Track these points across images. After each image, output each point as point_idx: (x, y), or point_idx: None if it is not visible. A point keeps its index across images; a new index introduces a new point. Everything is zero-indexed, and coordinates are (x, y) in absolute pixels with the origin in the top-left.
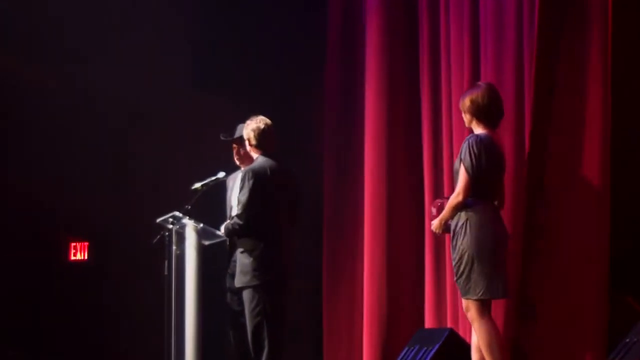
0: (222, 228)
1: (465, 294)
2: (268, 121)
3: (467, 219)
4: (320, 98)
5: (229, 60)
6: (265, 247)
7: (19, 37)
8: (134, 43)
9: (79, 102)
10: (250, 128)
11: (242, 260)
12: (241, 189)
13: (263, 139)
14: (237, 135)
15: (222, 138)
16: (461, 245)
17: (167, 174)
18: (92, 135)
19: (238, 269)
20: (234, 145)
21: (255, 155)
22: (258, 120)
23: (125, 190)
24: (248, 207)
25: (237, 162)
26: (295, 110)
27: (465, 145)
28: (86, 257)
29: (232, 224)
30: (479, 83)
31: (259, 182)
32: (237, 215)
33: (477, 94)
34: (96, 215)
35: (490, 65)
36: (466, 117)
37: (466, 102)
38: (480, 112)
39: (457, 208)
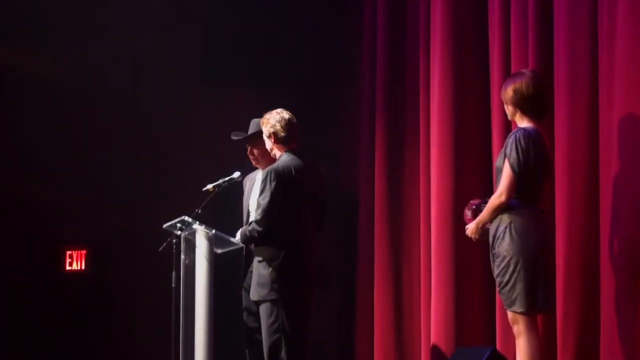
0: (238, 234)
1: (511, 305)
2: (289, 112)
3: (510, 222)
4: (344, 95)
5: (243, 54)
6: (286, 256)
7: (19, 28)
8: (139, 36)
9: (75, 97)
10: (275, 120)
11: (259, 270)
12: (262, 191)
13: (290, 132)
14: (254, 131)
15: (233, 138)
16: (504, 251)
17: (175, 173)
18: (89, 130)
19: (255, 280)
20: (248, 146)
21: (278, 152)
22: (280, 112)
23: (127, 191)
24: (269, 212)
25: (254, 164)
26: (315, 108)
27: (510, 140)
28: (84, 267)
29: (250, 230)
30: (523, 70)
31: (282, 184)
32: (256, 221)
33: (521, 82)
34: (95, 220)
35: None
36: (509, 109)
37: (508, 91)
38: (526, 103)
39: (499, 210)
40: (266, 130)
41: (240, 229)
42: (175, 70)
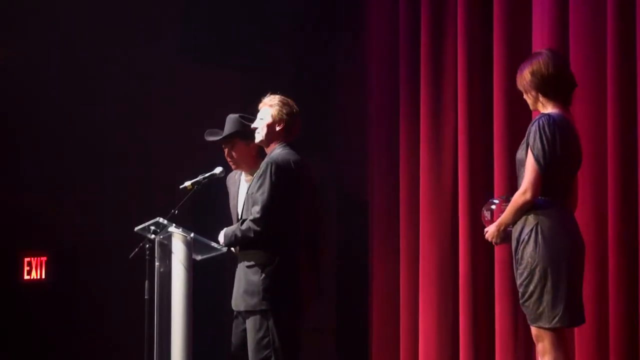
0: (222, 237)
1: (536, 320)
2: None
3: (536, 224)
4: (346, 79)
5: (225, 30)
6: (282, 262)
7: None
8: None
9: (32, 83)
10: (290, 108)
11: (248, 276)
12: (260, 185)
13: (298, 125)
14: (230, 130)
15: (208, 139)
16: (530, 258)
17: (148, 168)
18: (48, 118)
19: (241, 288)
20: (224, 147)
21: (275, 142)
22: (288, 101)
23: (93, 189)
24: (269, 210)
25: (233, 167)
26: (311, 93)
27: (533, 128)
28: (43, 276)
29: (245, 230)
30: (538, 51)
31: (283, 179)
32: (254, 220)
33: (538, 62)
34: (56, 222)
35: None
36: (529, 97)
37: (526, 76)
38: (548, 86)
39: (524, 209)
40: (278, 112)
41: (225, 230)
42: (148, 50)
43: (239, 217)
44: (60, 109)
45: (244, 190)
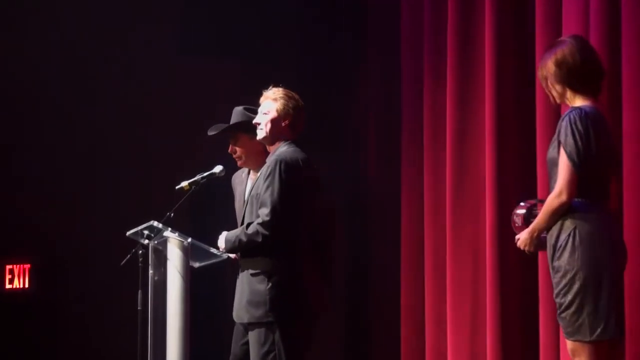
0: (222, 241)
1: (574, 333)
2: None
3: (574, 228)
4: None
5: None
6: (290, 269)
7: None
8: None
9: (37, 85)
10: (296, 103)
11: (253, 285)
12: (268, 185)
13: (303, 123)
14: (233, 122)
15: (210, 133)
16: (567, 265)
17: (141, 168)
18: (35, 115)
19: (244, 297)
20: (229, 142)
21: (280, 140)
22: (293, 95)
23: (81, 191)
24: (278, 212)
25: (238, 164)
26: (318, 86)
27: (564, 123)
28: (27, 285)
29: (252, 234)
30: (561, 38)
31: (293, 179)
32: (262, 223)
33: (562, 51)
34: (40, 227)
35: None
36: (555, 90)
37: (549, 67)
38: (574, 77)
39: (559, 213)
40: (283, 107)
41: (226, 235)
42: (148, 50)
43: (243, 219)
44: (60, 109)
45: None
